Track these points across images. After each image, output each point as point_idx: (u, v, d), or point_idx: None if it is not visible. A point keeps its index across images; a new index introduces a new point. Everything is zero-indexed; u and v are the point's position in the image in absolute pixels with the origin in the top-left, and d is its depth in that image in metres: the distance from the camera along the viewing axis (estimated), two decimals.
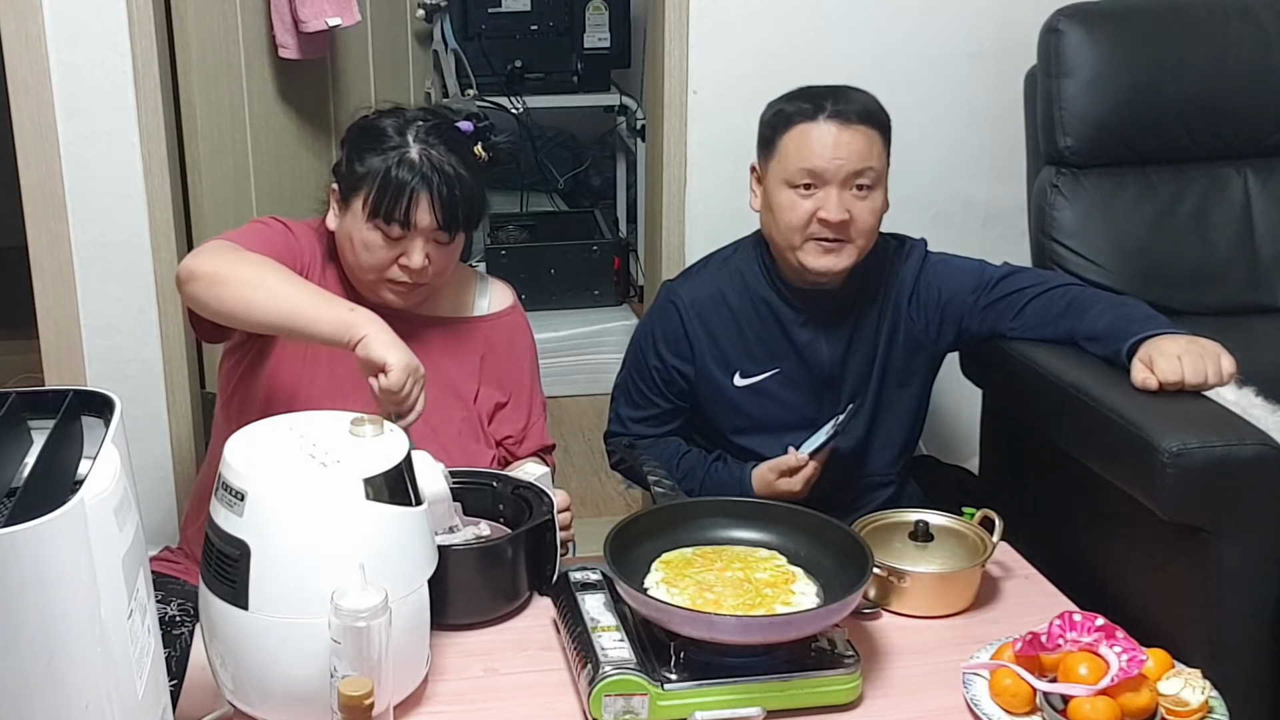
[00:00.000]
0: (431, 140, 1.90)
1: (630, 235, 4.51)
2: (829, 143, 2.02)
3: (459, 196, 1.89)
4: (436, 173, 1.87)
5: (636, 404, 2.25)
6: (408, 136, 1.90)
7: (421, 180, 1.86)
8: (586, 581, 1.68)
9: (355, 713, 1.31)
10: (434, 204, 1.87)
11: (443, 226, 1.89)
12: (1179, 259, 2.40)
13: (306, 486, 1.41)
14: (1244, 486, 1.78)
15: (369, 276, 1.93)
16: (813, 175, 2.03)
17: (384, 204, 1.86)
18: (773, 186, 2.08)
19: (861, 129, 2.03)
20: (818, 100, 2.06)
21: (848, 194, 2.03)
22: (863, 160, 2.03)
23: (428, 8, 4.04)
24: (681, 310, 2.18)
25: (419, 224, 1.87)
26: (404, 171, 1.87)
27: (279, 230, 1.95)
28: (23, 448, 1.21)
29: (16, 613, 1.06)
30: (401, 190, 1.86)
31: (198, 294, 1.77)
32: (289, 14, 2.92)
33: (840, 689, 1.54)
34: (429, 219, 1.88)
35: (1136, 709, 1.47)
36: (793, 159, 2.04)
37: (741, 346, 2.17)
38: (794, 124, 2.05)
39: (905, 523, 1.84)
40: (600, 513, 3.17)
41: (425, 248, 1.89)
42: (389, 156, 1.88)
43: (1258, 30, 2.42)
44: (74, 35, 2.37)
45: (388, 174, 1.87)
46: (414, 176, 1.86)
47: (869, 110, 2.06)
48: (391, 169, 1.87)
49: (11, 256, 2.84)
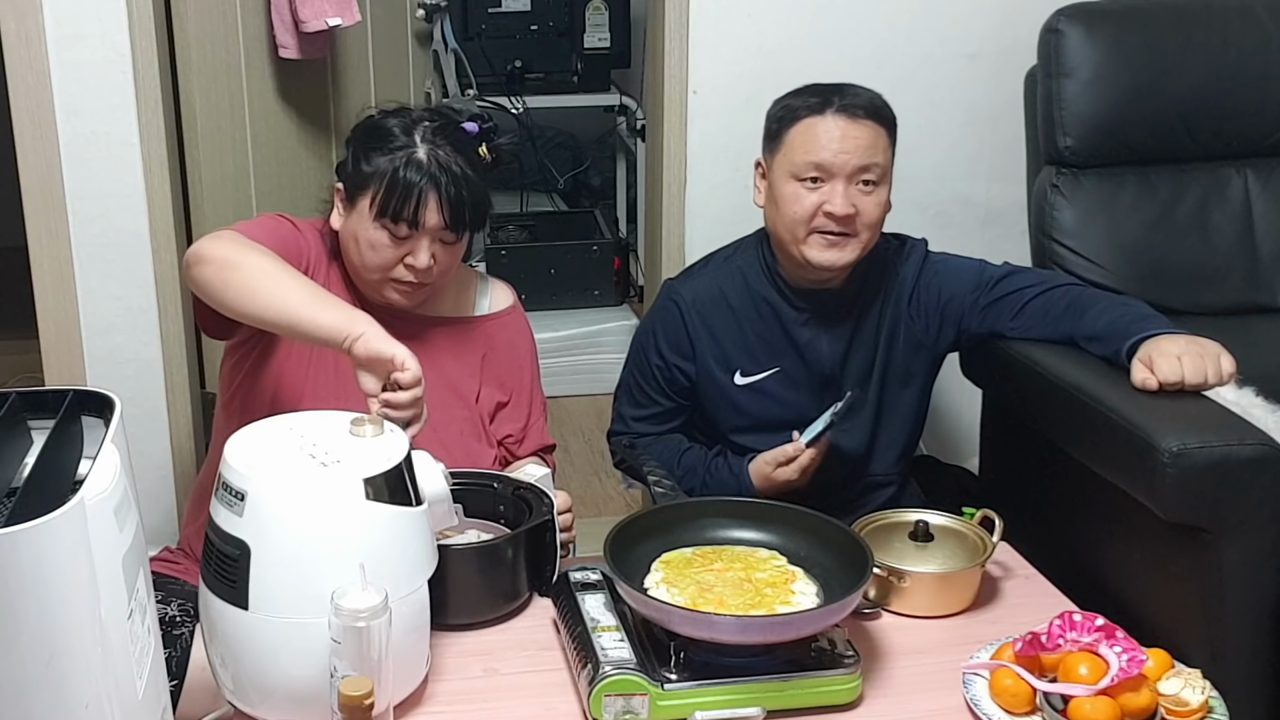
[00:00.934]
0: (438, 140, 1.90)
1: (630, 235, 4.52)
2: (836, 135, 2.03)
3: (466, 197, 1.89)
4: (444, 173, 1.87)
5: (639, 403, 2.25)
6: (415, 136, 1.90)
7: (429, 180, 1.86)
8: (586, 581, 1.68)
9: (355, 713, 1.31)
10: (442, 204, 1.87)
11: (450, 226, 1.89)
12: (1179, 259, 2.40)
13: (307, 486, 1.41)
14: (1244, 486, 1.78)
15: (374, 276, 1.93)
16: (819, 168, 2.03)
17: (392, 204, 1.86)
18: (778, 180, 2.08)
19: (868, 124, 2.04)
20: (825, 95, 2.06)
21: (853, 188, 2.03)
22: (869, 155, 2.03)
23: (428, 8, 4.04)
24: (683, 308, 2.18)
25: (427, 224, 1.87)
26: (412, 172, 1.86)
27: (288, 227, 1.95)
28: (23, 448, 1.21)
29: (16, 613, 1.06)
30: (410, 190, 1.86)
31: (205, 278, 1.76)
32: (289, 14, 2.92)
33: (840, 689, 1.53)
34: (437, 219, 1.88)
35: (1136, 709, 1.47)
36: (799, 152, 2.05)
37: (742, 345, 2.17)
38: (801, 118, 2.06)
39: (905, 523, 1.84)
40: (600, 513, 3.17)
41: (431, 247, 1.90)
42: (396, 157, 1.88)
43: (1258, 30, 2.42)
44: (74, 35, 2.37)
45: (395, 174, 1.86)
46: (422, 176, 1.86)
47: (875, 106, 2.07)
48: (399, 169, 1.87)
49: (11, 256, 2.84)
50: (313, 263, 1.95)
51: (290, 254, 1.88)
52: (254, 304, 1.74)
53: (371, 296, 1.96)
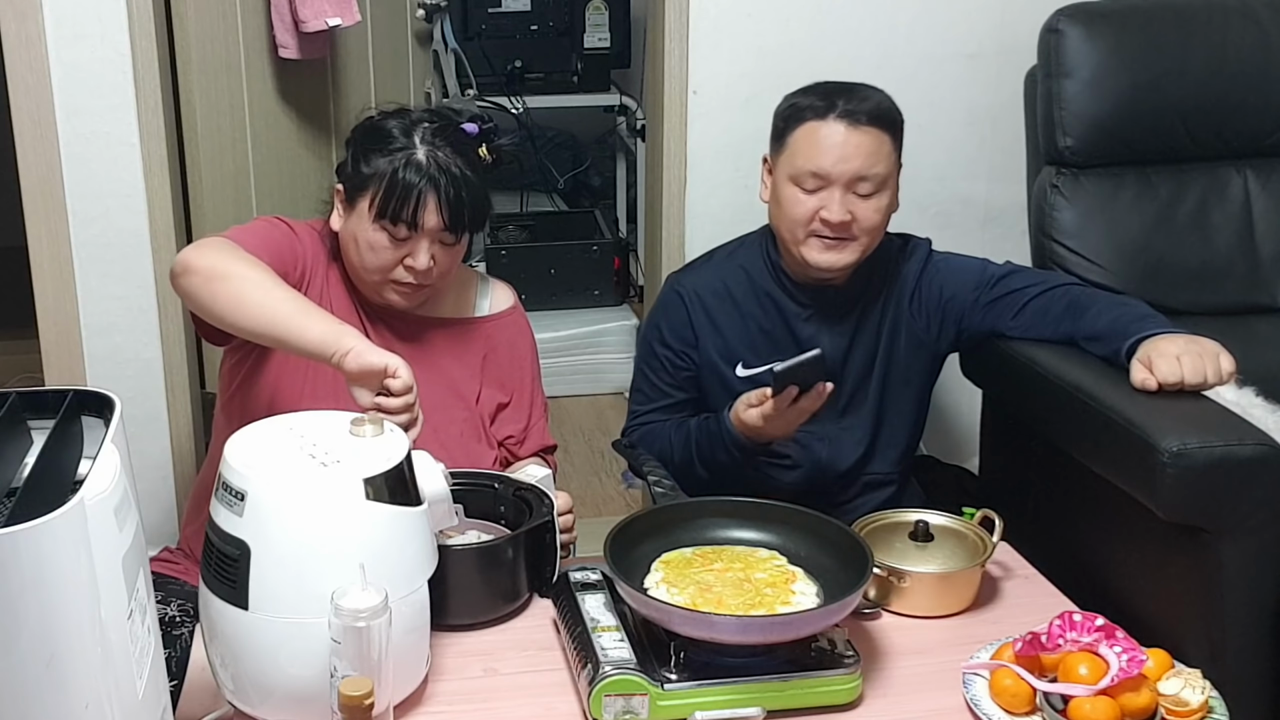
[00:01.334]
0: (438, 142, 1.90)
1: (630, 235, 4.52)
2: (836, 142, 2.02)
3: (465, 198, 1.89)
4: (444, 174, 1.87)
5: (649, 397, 2.24)
6: (414, 138, 1.90)
7: (429, 182, 1.86)
8: (586, 582, 1.68)
9: (355, 713, 1.31)
10: (441, 205, 1.87)
11: (449, 228, 1.89)
12: (1179, 259, 2.40)
13: (306, 486, 1.41)
14: (1244, 486, 1.78)
15: (374, 277, 1.93)
16: (818, 176, 2.03)
17: (391, 205, 1.86)
18: (780, 180, 2.08)
19: (870, 130, 2.03)
20: (830, 98, 2.06)
21: (851, 195, 2.03)
22: (868, 163, 2.02)
23: (428, 8, 4.04)
24: (686, 299, 2.18)
25: (426, 225, 1.87)
26: (411, 173, 1.86)
27: (283, 230, 1.95)
28: (23, 448, 1.21)
29: (16, 613, 1.06)
30: (409, 192, 1.86)
31: (193, 289, 1.76)
32: (289, 14, 2.92)
33: (840, 689, 1.53)
34: (436, 220, 1.88)
35: (1136, 709, 1.47)
36: (800, 158, 2.04)
37: (745, 338, 2.17)
38: (805, 120, 2.06)
39: (905, 523, 1.84)
40: (600, 513, 3.17)
41: (431, 249, 1.89)
42: (396, 158, 1.88)
43: (1258, 30, 2.42)
44: (74, 35, 2.37)
45: (394, 175, 1.86)
46: (421, 178, 1.86)
47: (880, 110, 2.06)
48: (399, 170, 1.87)
49: (11, 256, 2.84)
50: (310, 265, 1.95)
51: (284, 259, 1.88)
52: (241, 316, 1.73)
53: (371, 297, 1.96)
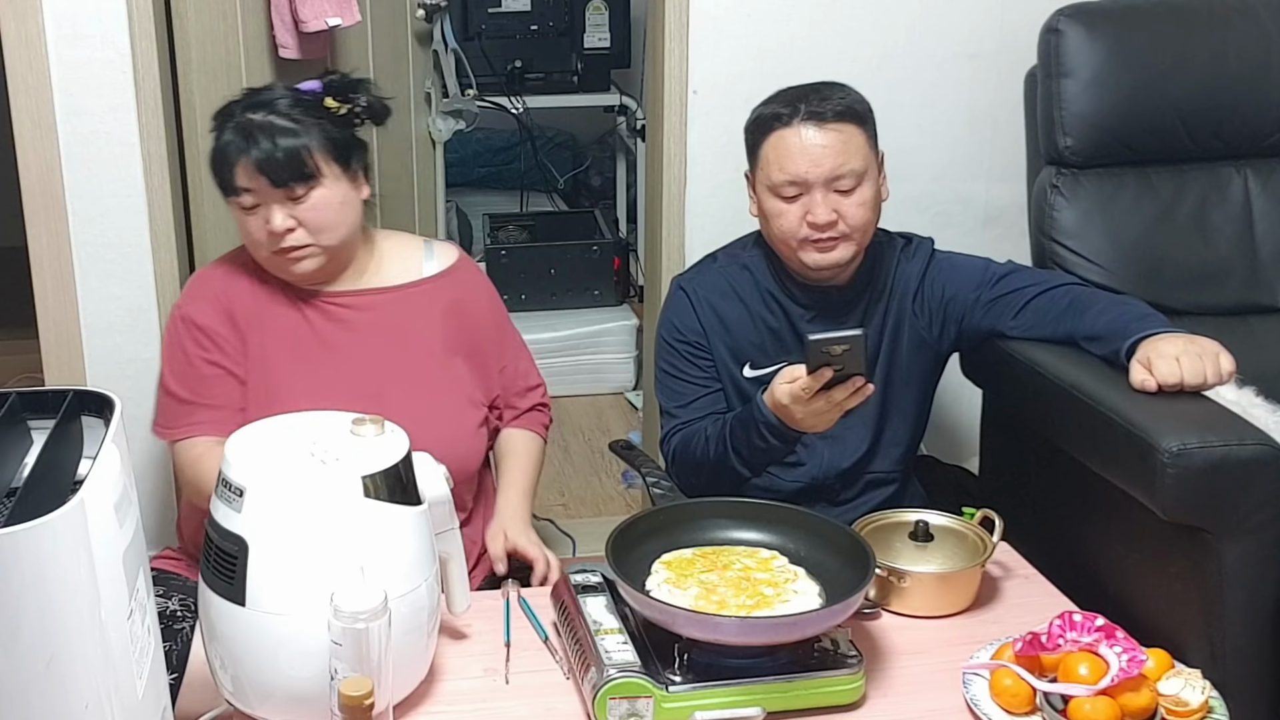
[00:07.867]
0: (251, 109, 1.93)
1: (630, 235, 4.52)
2: (805, 146, 2.02)
3: (279, 147, 1.89)
4: (246, 136, 1.90)
5: (678, 393, 2.20)
6: (233, 111, 1.94)
7: (234, 148, 1.90)
8: (587, 584, 1.68)
9: (355, 713, 1.31)
10: (251, 163, 1.88)
11: (275, 183, 1.89)
12: (1179, 259, 2.40)
13: (305, 483, 1.42)
14: (1244, 486, 1.78)
15: (261, 255, 1.96)
16: (795, 183, 2.03)
17: (218, 179, 1.92)
18: (762, 194, 2.09)
19: (839, 126, 2.03)
20: (793, 103, 2.05)
21: (833, 194, 2.03)
22: (843, 160, 2.02)
23: (428, 8, 4.04)
24: (694, 298, 2.18)
25: (247, 186, 1.90)
26: (222, 145, 1.92)
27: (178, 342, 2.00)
28: (23, 448, 1.22)
29: (16, 613, 1.06)
30: (222, 160, 1.91)
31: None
32: (289, 14, 2.92)
33: (843, 689, 1.53)
34: (253, 178, 1.89)
35: (1136, 709, 1.47)
36: (774, 169, 2.04)
37: (753, 337, 2.17)
38: (772, 129, 2.05)
39: (905, 523, 1.84)
40: (600, 513, 3.16)
41: (283, 209, 1.90)
42: (217, 136, 1.93)
43: (1258, 30, 2.41)
44: (74, 35, 2.36)
45: (213, 151, 1.93)
46: (228, 145, 1.91)
47: (845, 106, 2.05)
48: (215, 147, 1.93)
49: (11, 256, 2.84)
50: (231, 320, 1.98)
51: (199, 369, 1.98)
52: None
53: (283, 277, 1.98)
